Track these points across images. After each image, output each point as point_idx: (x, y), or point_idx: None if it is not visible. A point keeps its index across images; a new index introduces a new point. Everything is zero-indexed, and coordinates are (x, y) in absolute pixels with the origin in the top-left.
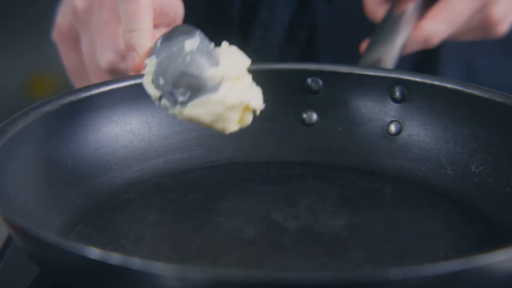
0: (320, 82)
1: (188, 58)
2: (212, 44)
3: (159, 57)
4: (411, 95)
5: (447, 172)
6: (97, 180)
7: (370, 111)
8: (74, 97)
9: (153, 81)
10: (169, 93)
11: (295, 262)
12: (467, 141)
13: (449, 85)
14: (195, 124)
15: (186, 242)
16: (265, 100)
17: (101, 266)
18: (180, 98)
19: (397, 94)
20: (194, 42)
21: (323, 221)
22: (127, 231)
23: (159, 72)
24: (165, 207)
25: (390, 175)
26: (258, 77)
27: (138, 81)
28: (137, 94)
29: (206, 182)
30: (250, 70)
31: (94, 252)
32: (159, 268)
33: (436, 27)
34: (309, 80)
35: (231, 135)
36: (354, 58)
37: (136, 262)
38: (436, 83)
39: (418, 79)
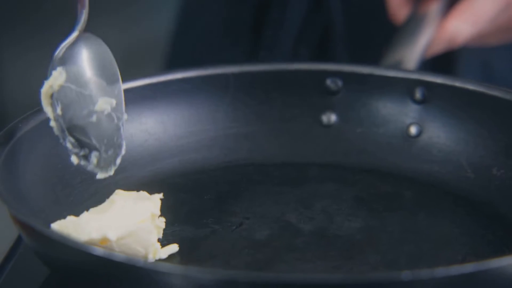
0: (339, 82)
1: (94, 118)
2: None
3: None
4: (432, 97)
5: (468, 175)
6: (111, 179)
7: (390, 113)
8: None
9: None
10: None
11: (308, 264)
12: (488, 143)
13: (470, 87)
14: (211, 125)
15: (198, 243)
16: (283, 100)
17: (106, 263)
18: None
19: (418, 95)
20: (109, 102)
21: (339, 223)
22: None
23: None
24: (178, 207)
25: (409, 178)
26: (276, 77)
27: (153, 80)
28: (152, 94)
29: (221, 183)
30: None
31: (99, 249)
32: (164, 266)
33: (460, 26)
34: (328, 81)
35: (247, 136)
36: (368, 58)
37: (140, 260)
38: (458, 84)
39: (439, 81)
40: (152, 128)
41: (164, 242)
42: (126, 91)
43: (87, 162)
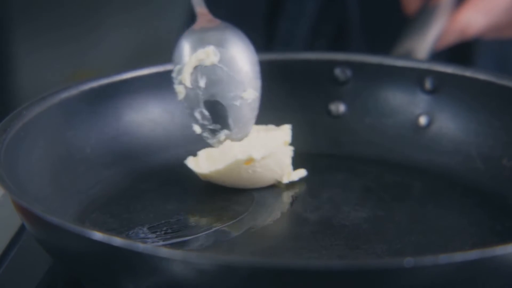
0: (348, 72)
1: (238, 103)
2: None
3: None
4: (442, 87)
5: (477, 166)
6: (117, 169)
7: (400, 103)
8: (94, 84)
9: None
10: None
11: (313, 253)
12: (499, 134)
13: (481, 77)
14: None
15: (202, 232)
16: (292, 90)
17: (105, 247)
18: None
19: (428, 85)
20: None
21: (345, 213)
22: (144, 219)
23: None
24: (184, 197)
25: (419, 169)
26: (285, 66)
27: (160, 69)
28: (159, 83)
29: None
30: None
31: (97, 234)
32: (163, 251)
33: (473, 17)
34: (337, 70)
35: None
36: (385, 50)
37: (139, 245)
38: (468, 74)
39: (449, 70)
40: (159, 117)
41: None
42: (133, 79)
43: (211, 135)
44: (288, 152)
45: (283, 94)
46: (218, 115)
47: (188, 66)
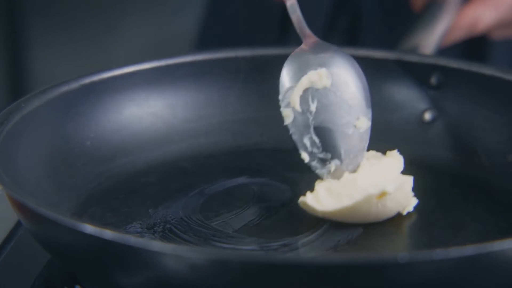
0: None
1: (350, 131)
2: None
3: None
4: (447, 82)
5: (482, 161)
6: (117, 162)
7: (405, 98)
8: (95, 77)
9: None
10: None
11: (312, 250)
12: (504, 130)
13: (486, 72)
14: (221, 109)
15: (200, 227)
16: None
17: (96, 241)
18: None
19: (433, 80)
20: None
21: None
22: (142, 214)
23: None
24: (184, 191)
25: (423, 164)
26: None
27: (162, 63)
28: (161, 77)
29: (229, 167)
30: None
31: (88, 227)
32: (153, 245)
33: (481, 13)
34: None
35: (258, 121)
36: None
37: (130, 238)
38: (474, 69)
39: (455, 65)
40: (160, 111)
41: (166, 224)
42: (135, 73)
43: (319, 165)
44: (410, 182)
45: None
46: (328, 143)
47: (299, 88)
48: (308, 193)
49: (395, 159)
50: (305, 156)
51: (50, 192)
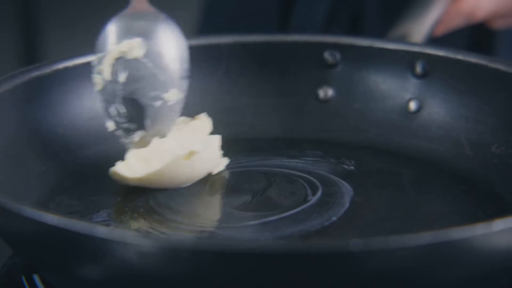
0: (338, 55)
1: (158, 103)
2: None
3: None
4: (433, 71)
5: (466, 152)
6: (89, 151)
7: (390, 87)
8: (69, 63)
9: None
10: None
11: (279, 240)
12: (489, 120)
13: (472, 60)
14: (202, 97)
15: (172, 215)
16: (279, 73)
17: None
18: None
19: (419, 69)
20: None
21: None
22: (111, 203)
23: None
24: None
25: (406, 155)
26: (272, 48)
27: None
28: None
29: None
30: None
31: (28, 210)
32: (99, 230)
33: (481, 1)
34: (326, 53)
35: (241, 110)
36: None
37: (75, 223)
38: (460, 57)
39: (440, 53)
40: None
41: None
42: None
43: (124, 133)
44: (218, 141)
45: (269, 77)
46: (134, 114)
47: (109, 57)
48: (119, 162)
49: (202, 122)
50: (110, 125)
51: (18, 179)
